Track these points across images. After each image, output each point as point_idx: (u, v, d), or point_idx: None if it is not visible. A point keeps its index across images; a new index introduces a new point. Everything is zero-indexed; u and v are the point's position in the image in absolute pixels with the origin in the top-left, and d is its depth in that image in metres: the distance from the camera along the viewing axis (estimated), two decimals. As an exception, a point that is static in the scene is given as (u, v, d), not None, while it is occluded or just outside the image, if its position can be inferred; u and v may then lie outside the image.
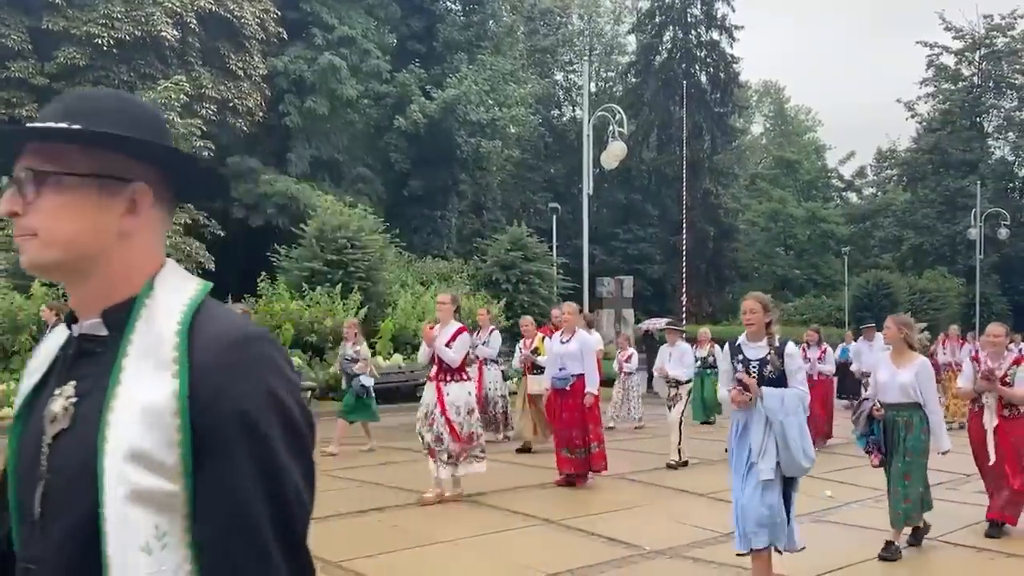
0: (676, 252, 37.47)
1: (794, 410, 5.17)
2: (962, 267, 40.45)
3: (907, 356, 6.33)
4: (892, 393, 6.25)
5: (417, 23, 32.31)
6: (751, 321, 5.36)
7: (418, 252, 27.32)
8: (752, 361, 5.34)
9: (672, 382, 10.26)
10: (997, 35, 45.25)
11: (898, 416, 6.22)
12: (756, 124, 62.37)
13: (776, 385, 5.24)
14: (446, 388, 7.66)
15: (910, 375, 6.21)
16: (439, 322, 7.90)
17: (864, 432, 6.36)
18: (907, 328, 6.40)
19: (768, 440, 5.12)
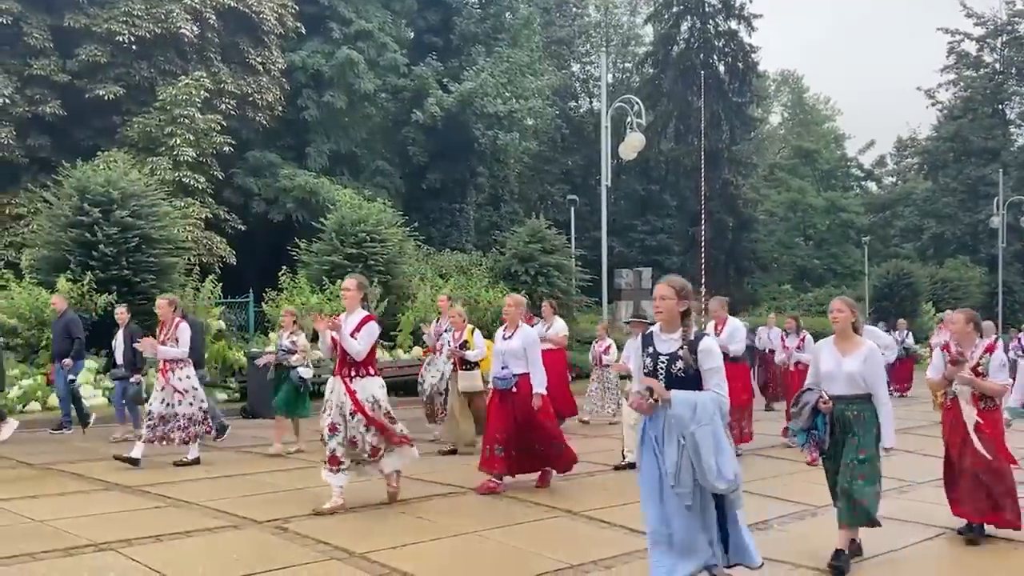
0: (695, 243, 37.35)
1: (708, 418, 4.43)
2: (984, 256, 40.09)
3: (853, 342, 5.71)
4: (839, 384, 5.65)
5: (434, 16, 32.32)
6: (659, 308, 4.67)
7: (436, 245, 27.39)
8: (662, 356, 4.62)
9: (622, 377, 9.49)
10: (1020, 21, 44.73)
11: (847, 410, 5.61)
12: (774, 114, 62.01)
13: (688, 387, 4.55)
14: (353, 384, 6.95)
15: (857, 363, 5.60)
16: None
17: (805, 427, 5.71)
18: (856, 309, 5.83)
19: (683, 456, 4.42)
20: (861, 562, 5.74)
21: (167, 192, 18.43)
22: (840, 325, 5.73)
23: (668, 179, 42.75)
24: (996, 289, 35.05)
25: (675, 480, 4.43)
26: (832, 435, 5.63)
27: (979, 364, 6.37)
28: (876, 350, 5.67)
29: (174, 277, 16.33)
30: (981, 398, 6.36)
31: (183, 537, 6.19)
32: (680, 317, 4.66)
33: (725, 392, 4.59)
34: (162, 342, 9.20)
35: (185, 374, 9.27)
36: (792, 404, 5.84)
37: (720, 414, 4.51)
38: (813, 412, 5.65)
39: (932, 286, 35.26)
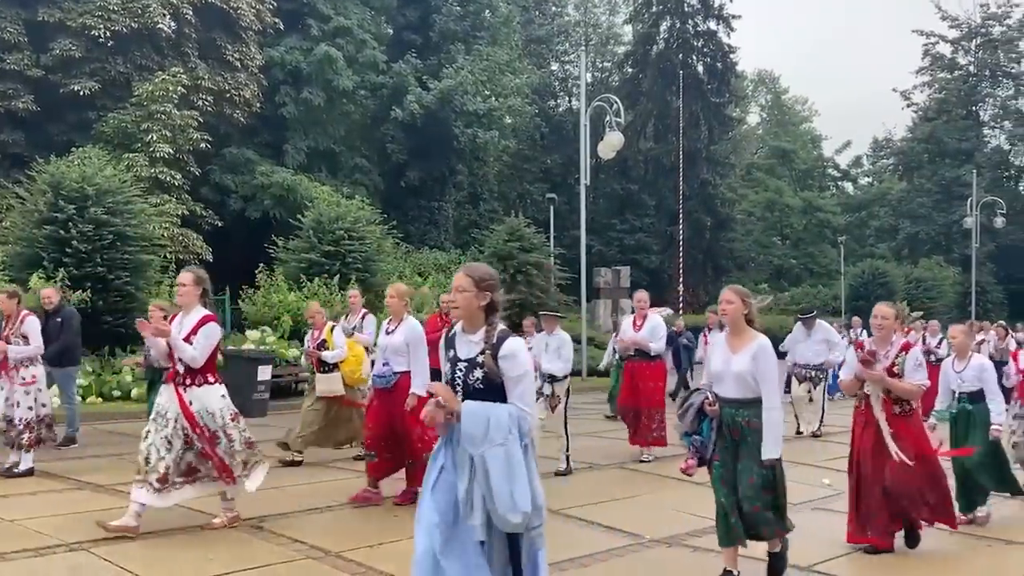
0: (673, 242, 37.54)
1: (502, 437, 3.60)
2: (958, 256, 40.57)
3: (745, 337, 4.96)
4: (728, 385, 4.96)
5: (413, 13, 32.24)
6: (456, 303, 3.88)
7: (415, 243, 27.33)
8: (460, 362, 3.81)
9: (547, 378, 8.67)
10: (993, 24, 45.29)
11: (737, 415, 4.91)
12: (752, 114, 62.36)
13: (488, 398, 3.71)
14: (187, 394, 6.10)
15: (746, 361, 4.87)
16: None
17: (690, 431, 5.07)
18: (748, 299, 5.05)
19: (474, 482, 3.64)
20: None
21: (143, 189, 18.25)
22: (730, 318, 5.01)
23: (647, 178, 42.89)
24: (969, 289, 35.46)
25: (463, 509, 3.64)
26: (718, 442, 5.00)
27: (894, 363, 5.86)
28: (768, 347, 4.91)
29: (149, 274, 16.20)
30: (896, 401, 5.84)
31: (158, 537, 6.12)
32: (483, 314, 3.81)
33: (529, 405, 3.77)
34: (6, 338, 8.17)
35: (31, 373, 8.30)
36: (678, 405, 5.23)
37: (519, 431, 3.68)
38: (698, 415, 5.06)
39: (907, 286, 35.60)
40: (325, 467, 9.06)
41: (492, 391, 3.72)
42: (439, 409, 3.68)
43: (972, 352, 7.12)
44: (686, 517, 6.92)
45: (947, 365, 7.17)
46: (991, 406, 6.81)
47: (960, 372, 6.96)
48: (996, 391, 6.90)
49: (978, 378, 6.86)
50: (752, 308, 5.05)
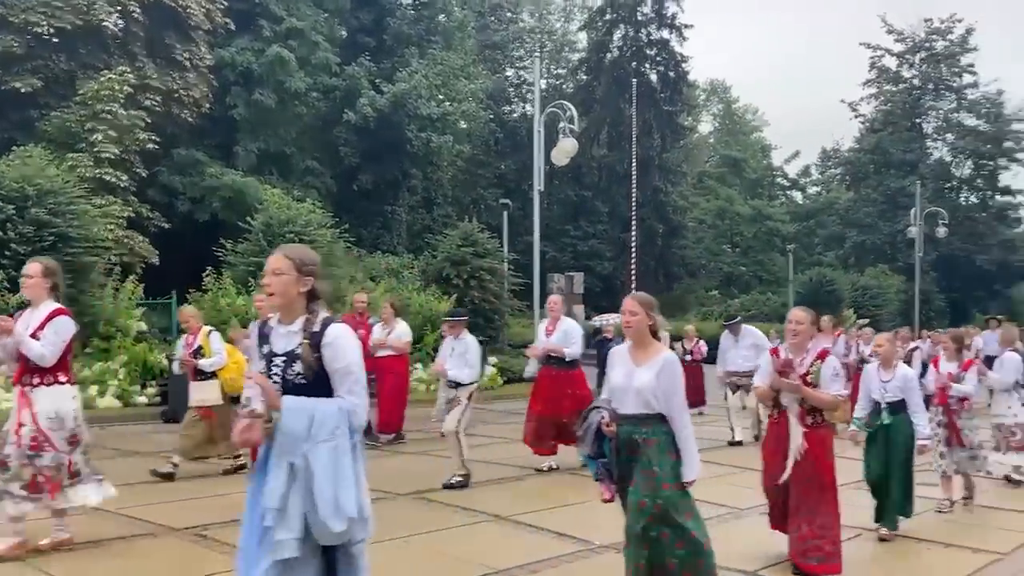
0: (626, 249, 37.82)
1: (328, 433, 3.23)
2: (902, 264, 41.43)
3: (650, 350, 4.60)
4: (629, 401, 4.55)
5: (367, 16, 32.05)
6: (272, 289, 3.41)
7: (367, 247, 27.12)
8: (277, 357, 3.39)
9: (451, 383, 8.42)
10: (937, 38, 46.46)
11: (635, 432, 4.49)
12: (704, 123, 63.21)
13: (311, 394, 3.31)
14: (34, 394, 5.57)
15: (650, 375, 4.49)
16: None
17: (593, 453, 4.64)
18: (652, 311, 4.64)
19: (294, 486, 3.22)
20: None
21: (87, 190, 17.79)
22: (633, 330, 4.62)
23: (600, 185, 43.17)
24: (913, 297, 36.25)
25: (275, 519, 3.19)
26: (618, 464, 4.59)
27: (809, 372, 5.51)
28: (674, 361, 4.56)
29: (92, 277, 15.79)
30: (809, 412, 5.53)
31: (97, 546, 5.95)
32: (303, 301, 3.42)
33: (360, 399, 3.38)
34: None
35: None
36: (576, 424, 4.77)
37: (349, 428, 3.31)
38: (597, 436, 4.60)
39: (853, 293, 36.26)
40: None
41: (317, 387, 3.31)
42: (252, 423, 3.23)
43: (897, 362, 7.02)
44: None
45: (871, 372, 7.02)
46: (916, 419, 6.72)
47: (886, 382, 6.83)
48: (919, 403, 6.82)
49: (902, 388, 6.76)
50: (657, 319, 4.66)
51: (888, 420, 6.77)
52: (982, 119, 45.99)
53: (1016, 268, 46.02)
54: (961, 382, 7.98)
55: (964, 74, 46.37)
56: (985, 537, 6.89)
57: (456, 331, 8.53)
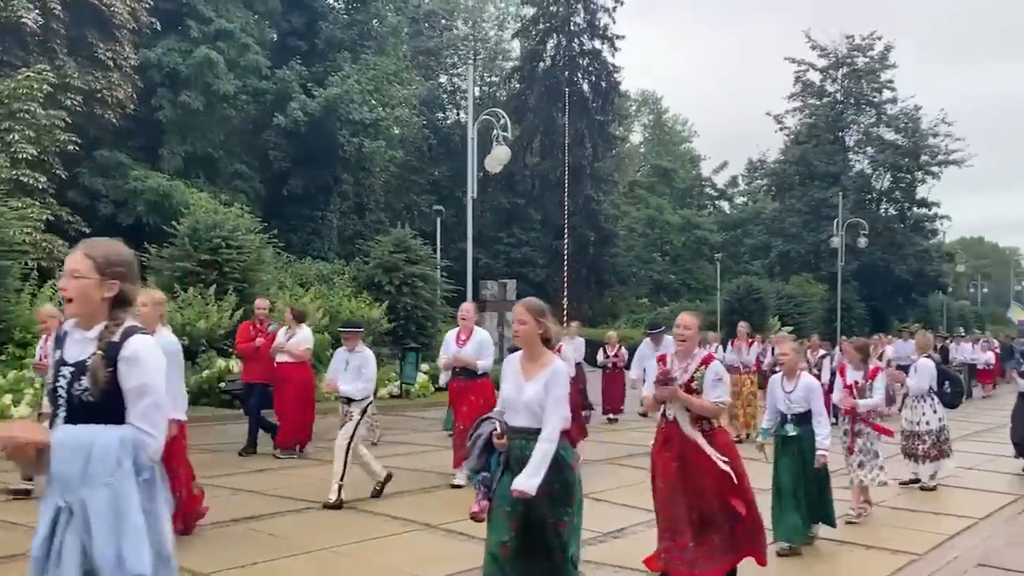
0: (558, 256, 38.00)
1: (108, 473, 2.64)
2: (825, 274, 42.60)
3: (541, 360, 4.33)
4: (520, 413, 4.31)
5: (298, 19, 31.65)
6: (68, 295, 2.86)
7: (297, 253, 26.73)
8: (66, 366, 2.83)
9: (344, 399, 7.90)
10: (858, 54, 47.96)
11: (527, 447, 4.22)
12: (635, 133, 64.10)
13: (98, 418, 2.72)
14: None
15: (538, 388, 4.25)
16: None
17: (478, 467, 4.37)
18: (544, 318, 4.34)
19: (66, 536, 2.66)
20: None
21: (2, 191, 17.19)
22: (523, 339, 4.35)
23: (533, 193, 43.36)
24: (835, 305, 37.29)
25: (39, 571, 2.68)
26: (504, 478, 4.27)
27: (693, 378, 5.31)
28: (561, 371, 4.30)
29: (8, 281, 15.21)
30: (696, 419, 5.31)
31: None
32: (106, 307, 2.86)
33: (155, 428, 2.77)
34: None
35: None
36: (467, 436, 4.52)
37: (137, 463, 2.70)
38: (486, 448, 4.35)
39: (778, 302, 37.12)
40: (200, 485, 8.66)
41: (106, 407, 2.72)
42: (16, 442, 2.65)
43: (800, 371, 6.83)
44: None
45: (775, 383, 6.86)
46: (817, 429, 6.55)
47: (789, 392, 6.66)
48: (823, 412, 6.66)
49: (806, 399, 6.61)
50: (549, 327, 4.36)
51: (793, 432, 6.63)
52: (900, 133, 47.62)
53: (931, 277, 47.76)
54: (867, 391, 7.87)
55: (884, 89, 47.96)
56: (903, 539, 7.11)
57: (353, 343, 8.09)
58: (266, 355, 10.48)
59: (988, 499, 9.08)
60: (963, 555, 6.73)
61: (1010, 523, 8.06)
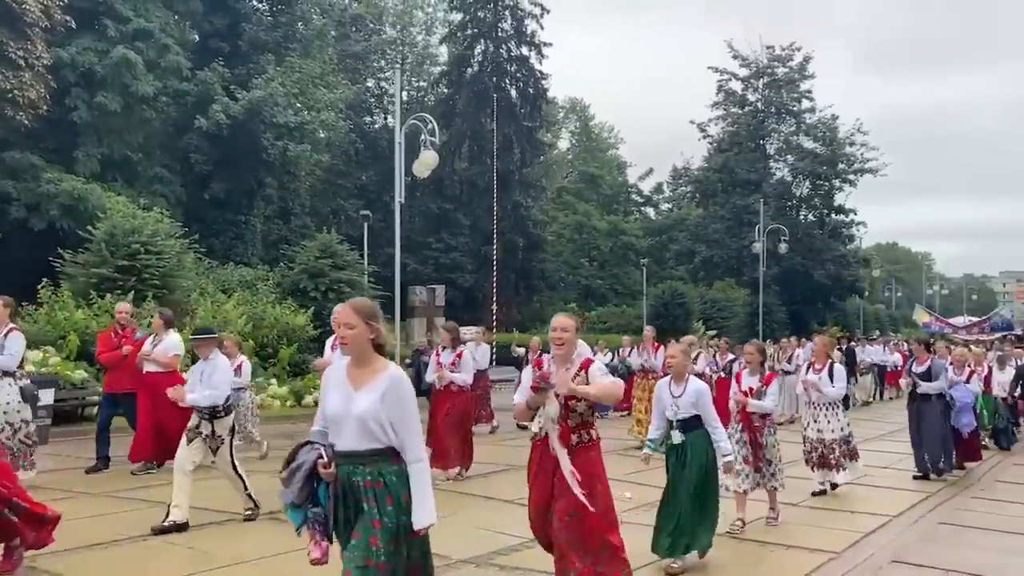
0: (487, 262, 38.08)
1: None
2: (748, 278, 43.60)
3: (372, 368, 3.70)
4: (348, 433, 3.62)
5: (220, 20, 31.01)
6: None
7: (219, 258, 26.16)
8: None
9: (204, 413, 7.24)
10: (778, 65, 49.28)
11: (355, 474, 3.58)
12: (563, 139, 64.56)
13: None
14: None
15: (372, 400, 3.60)
16: None
17: (299, 501, 3.66)
18: (374, 320, 3.76)
19: None
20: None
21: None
22: (351, 346, 3.71)
23: (462, 198, 43.32)
24: (757, 309, 38.19)
25: None
26: (338, 514, 3.63)
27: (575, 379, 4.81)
28: (402, 381, 3.69)
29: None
30: (574, 429, 4.80)
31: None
32: None
33: None
34: None
35: None
36: (284, 464, 3.76)
37: None
38: (309, 479, 3.65)
39: (702, 306, 37.87)
40: (116, 498, 8.39)
41: None
42: None
43: (689, 375, 6.44)
44: (492, 536, 6.95)
45: (662, 387, 6.43)
46: (714, 435, 6.19)
47: (677, 397, 6.27)
48: (715, 417, 6.27)
49: (694, 404, 6.21)
50: (380, 331, 3.80)
51: (679, 439, 6.23)
52: (819, 142, 49.08)
53: (848, 282, 49.31)
54: (762, 397, 7.56)
55: (803, 99, 49.39)
56: (821, 538, 7.29)
57: (206, 351, 7.45)
58: (132, 364, 9.74)
59: (901, 497, 9.40)
60: (878, 552, 6.94)
61: (922, 520, 8.33)
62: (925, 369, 10.67)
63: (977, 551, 7.05)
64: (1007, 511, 8.87)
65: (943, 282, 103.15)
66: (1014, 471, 11.82)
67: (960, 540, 7.53)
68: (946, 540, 7.52)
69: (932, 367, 10.65)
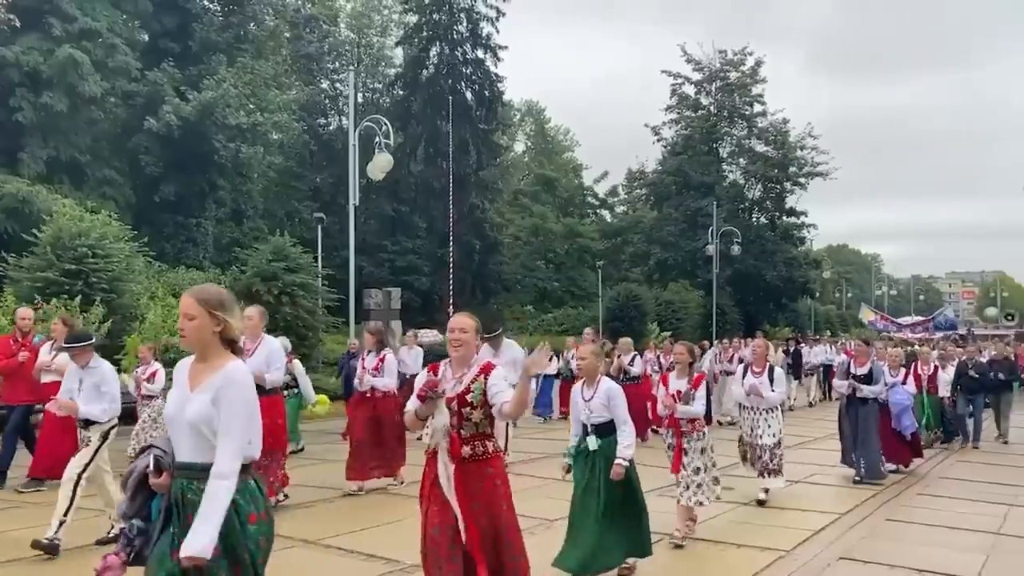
0: (443, 264, 37.96)
1: None
2: (701, 280, 44.04)
3: (213, 363, 3.32)
4: (183, 443, 3.24)
5: (170, 20, 30.52)
6: None
7: (170, 262, 25.74)
8: None
9: (81, 422, 6.72)
10: (730, 69, 49.88)
11: (188, 489, 3.18)
12: (519, 142, 64.72)
13: None
14: None
15: (204, 398, 3.22)
16: None
17: (131, 513, 3.31)
18: (220, 311, 3.34)
19: None
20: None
21: None
22: (190, 339, 3.34)
23: (418, 201, 43.18)
24: (711, 310, 38.61)
25: None
26: (174, 532, 3.16)
27: (469, 389, 4.38)
28: (237, 377, 3.26)
29: None
30: (466, 440, 4.35)
31: None
32: None
33: None
34: None
35: None
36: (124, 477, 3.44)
37: None
38: (140, 488, 3.30)
39: (657, 308, 38.18)
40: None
41: None
42: None
43: (600, 376, 6.05)
44: (447, 540, 6.91)
45: (575, 393, 6.09)
46: (620, 437, 5.80)
47: (588, 400, 5.93)
48: (627, 420, 5.87)
49: (606, 406, 5.87)
50: (229, 323, 3.35)
51: (595, 445, 5.84)
52: (770, 145, 49.77)
53: (800, 283, 50.04)
54: (690, 401, 7.04)
55: (755, 103, 50.04)
56: (770, 536, 7.40)
57: (83, 359, 6.91)
58: (30, 373, 9.31)
59: (849, 494, 9.57)
60: (826, 549, 7.06)
61: (869, 518, 8.49)
62: (866, 372, 10.50)
63: (922, 547, 7.21)
64: (952, 507, 9.08)
65: (892, 283, 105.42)
66: (959, 468, 12.11)
67: (906, 536, 7.69)
68: (892, 537, 7.67)
69: (872, 369, 10.52)
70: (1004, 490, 10.20)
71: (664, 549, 6.87)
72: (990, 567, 6.65)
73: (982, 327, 58.55)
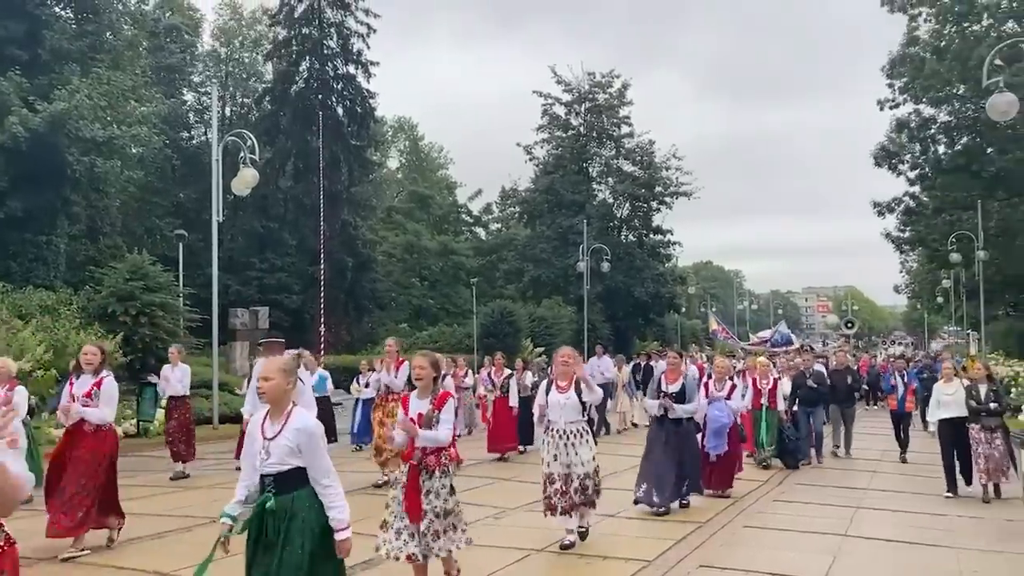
0: (315, 282, 37.20)
1: None
2: (573, 296, 44.81)
3: None
4: None
5: (17, 26, 28.71)
6: None
7: (17, 281, 24.15)
8: None
9: None
10: (598, 91, 51.22)
11: None
12: (392, 158, 64.35)
13: None
14: None
15: None
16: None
17: None
18: None
19: None
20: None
21: None
22: None
23: (287, 217, 42.23)
24: (583, 326, 39.31)
25: None
26: None
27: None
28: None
29: None
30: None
31: None
32: None
33: None
34: None
35: None
36: None
37: None
38: None
39: (531, 324, 38.58)
40: None
41: None
42: None
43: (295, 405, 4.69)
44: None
45: (253, 426, 4.53)
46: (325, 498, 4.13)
47: (270, 439, 4.31)
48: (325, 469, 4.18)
49: (294, 450, 4.17)
50: None
51: (271, 504, 4.11)
52: (637, 166, 51.31)
53: (667, 299, 51.70)
54: (433, 424, 5.60)
55: (622, 125, 51.54)
56: (634, 546, 7.54)
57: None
58: None
59: (709, 504, 9.86)
60: (687, 557, 7.24)
61: (729, 525, 8.78)
62: (679, 388, 9.17)
63: (779, 551, 7.51)
64: (805, 512, 9.51)
65: (753, 298, 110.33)
66: (812, 474, 12.68)
67: (763, 542, 8.00)
68: (749, 543, 7.96)
69: (686, 385, 9.23)
70: (852, 493, 10.78)
71: (532, 562, 6.89)
72: (836, 569, 6.98)
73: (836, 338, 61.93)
